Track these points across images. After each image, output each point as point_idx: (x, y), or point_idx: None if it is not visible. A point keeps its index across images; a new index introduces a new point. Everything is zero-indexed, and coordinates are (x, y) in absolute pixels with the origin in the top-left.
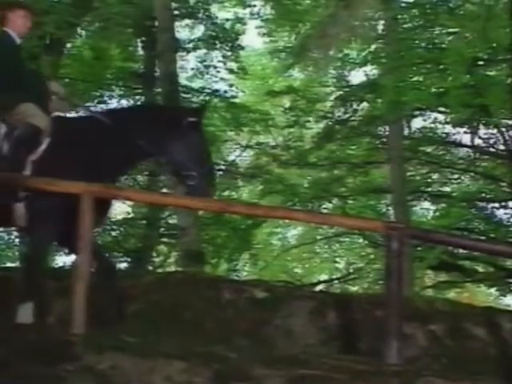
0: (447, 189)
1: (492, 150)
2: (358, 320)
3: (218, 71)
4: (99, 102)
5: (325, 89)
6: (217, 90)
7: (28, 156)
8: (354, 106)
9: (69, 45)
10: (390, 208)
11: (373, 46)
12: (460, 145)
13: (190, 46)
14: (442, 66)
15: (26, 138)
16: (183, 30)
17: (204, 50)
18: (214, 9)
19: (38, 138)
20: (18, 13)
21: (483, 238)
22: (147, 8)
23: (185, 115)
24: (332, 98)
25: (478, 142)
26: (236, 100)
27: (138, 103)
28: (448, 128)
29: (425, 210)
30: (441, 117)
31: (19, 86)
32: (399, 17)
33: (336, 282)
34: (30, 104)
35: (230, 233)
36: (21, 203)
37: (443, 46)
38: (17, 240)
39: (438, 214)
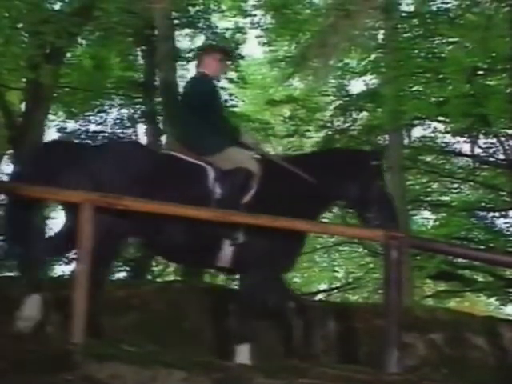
0: (447, 198)
1: (492, 159)
2: (357, 329)
3: (218, 80)
4: (99, 111)
5: (325, 98)
6: None
7: (240, 199)
8: (354, 116)
9: (69, 54)
10: None
11: (373, 56)
12: (460, 154)
13: (190, 55)
14: (441, 76)
15: (239, 182)
16: (183, 40)
17: None
18: (215, 18)
19: (249, 182)
20: (213, 55)
21: (483, 247)
22: (147, 17)
23: (367, 158)
24: (332, 107)
25: (477, 151)
26: (236, 109)
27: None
28: (448, 137)
29: (424, 219)
30: (440, 126)
31: (220, 127)
32: (399, 26)
33: (335, 291)
34: (237, 148)
35: None
36: (230, 245)
37: (443, 55)
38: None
39: (437, 223)
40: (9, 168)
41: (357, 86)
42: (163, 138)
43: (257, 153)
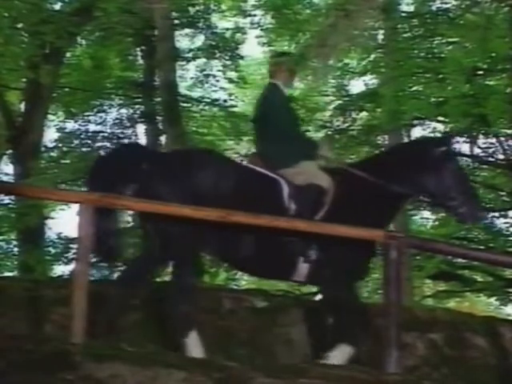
0: None
1: (491, 159)
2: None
3: (218, 80)
4: (99, 111)
5: (324, 98)
6: (216, 100)
7: (314, 215)
8: (354, 116)
9: (68, 54)
10: None
11: (372, 56)
12: (459, 154)
13: (190, 55)
14: (441, 76)
15: (312, 199)
16: (183, 40)
17: (204, 60)
18: (214, 18)
19: (321, 198)
20: (282, 67)
21: (482, 247)
22: (147, 17)
23: (433, 146)
24: (331, 107)
25: (477, 151)
26: (235, 109)
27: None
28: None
29: (424, 219)
30: (440, 126)
31: (294, 139)
32: (399, 26)
33: None
34: (310, 162)
35: None
36: (304, 262)
37: (443, 55)
38: (15, 250)
39: (437, 223)
40: (8, 168)
41: (356, 86)
42: (162, 138)
43: (331, 164)
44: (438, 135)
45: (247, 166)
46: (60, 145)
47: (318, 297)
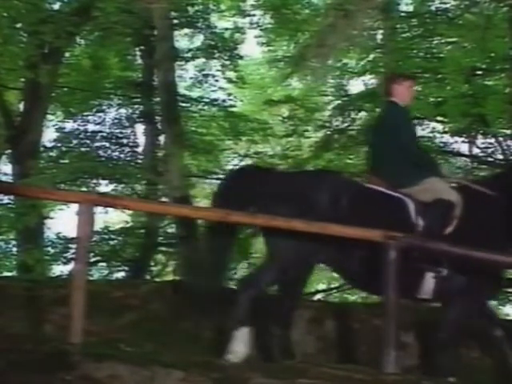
0: None
1: (490, 159)
2: (356, 329)
3: (217, 80)
4: (98, 111)
5: (323, 98)
6: (215, 100)
7: (443, 231)
8: (353, 116)
9: (67, 54)
10: None
11: (371, 56)
12: (458, 154)
13: (189, 55)
14: (440, 76)
15: (441, 214)
16: (182, 39)
17: (203, 59)
18: (214, 18)
19: (450, 213)
20: (403, 84)
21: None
22: (146, 17)
23: None
24: (330, 107)
25: (476, 151)
26: (234, 109)
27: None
28: (446, 137)
29: None
30: (439, 126)
31: (416, 158)
32: (398, 26)
33: (334, 291)
34: (435, 178)
35: None
36: (432, 278)
37: (442, 55)
38: (14, 249)
39: None
40: (7, 168)
41: (355, 85)
42: (161, 138)
43: (453, 180)
44: None
45: (369, 186)
46: (59, 144)
47: (317, 296)
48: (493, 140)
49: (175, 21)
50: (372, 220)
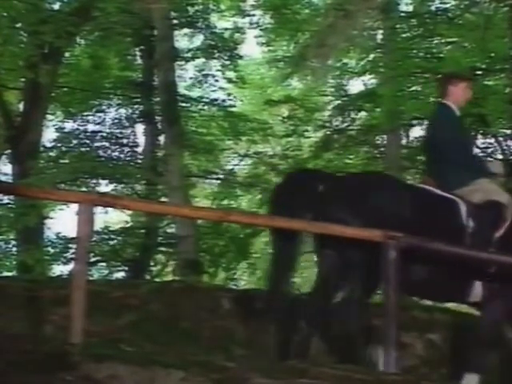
0: None
1: (490, 159)
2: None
3: (217, 80)
4: (97, 111)
5: (323, 98)
6: (215, 99)
7: (494, 233)
8: (352, 116)
9: (67, 54)
10: None
11: (371, 56)
12: None
13: (189, 55)
14: (440, 76)
15: (492, 216)
16: (182, 39)
17: (203, 59)
18: (214, 18)
19: (502, 215)
20: (459, 85)
21: None
22: (146, 17)
23: None
24: (330, 107)
25: (476, 151)
26: (234, 109)
27: None
28: None
29: None
30: None
31: (466, 159)
32: (398, 26)
33: None
34: (485, 180)
35: (228, 242)
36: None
37: (442, 55)
38: (14, 249)
39: None
40: (7, 168)
41: (355, 85)
42: (161, 138)
43: (504, 182)
44: None
45: (423, 187)
46: (59, 145)
47: None
48: (493, 140)
49: (175, 21)
50: (426, 221)
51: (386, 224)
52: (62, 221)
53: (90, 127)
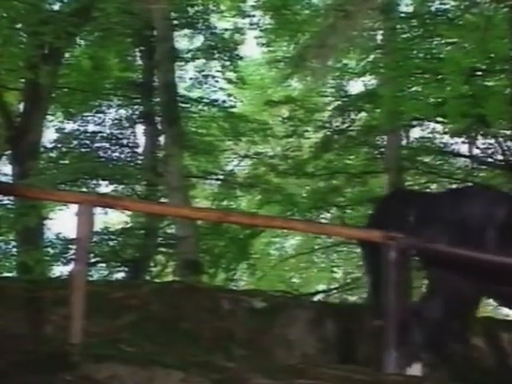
0: None
1: (490, 160)
2: (356, 330)
3: (217, 81)
4: (97, 112)
5: (323, 99)
6: (215, 100)
7: None
8: (352, 116)
9: (67, 54)
10: None
11: (371, 56)
12: (458, 155)
13: (189, 55)
14: (440, 76)
15: None
16: (182, 40)
17: (203, 60)
18: (214, 19)
19: None
20: None
21: None
22: (146, 18)
23: None
24: (330, 107)
25: (476, 152)
26: (234, 110)
27: None
28: (446, 138)
29: None
30: (439, 127)
31: None
32: (398, 27)
33: (334, 291)
34: None
35: (228, 242)
36: None
37: (442, 56)
38: (14, 250)
39: None
40: (7, 168)
41: (355, 86)
42: (161, 139)
43: None
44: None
45: None
46: (59, 145)
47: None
48: (493, 141)
49: (175, 21)
50: None
51: (479, 242)
52: (62, 221)
53: (90, 128)
